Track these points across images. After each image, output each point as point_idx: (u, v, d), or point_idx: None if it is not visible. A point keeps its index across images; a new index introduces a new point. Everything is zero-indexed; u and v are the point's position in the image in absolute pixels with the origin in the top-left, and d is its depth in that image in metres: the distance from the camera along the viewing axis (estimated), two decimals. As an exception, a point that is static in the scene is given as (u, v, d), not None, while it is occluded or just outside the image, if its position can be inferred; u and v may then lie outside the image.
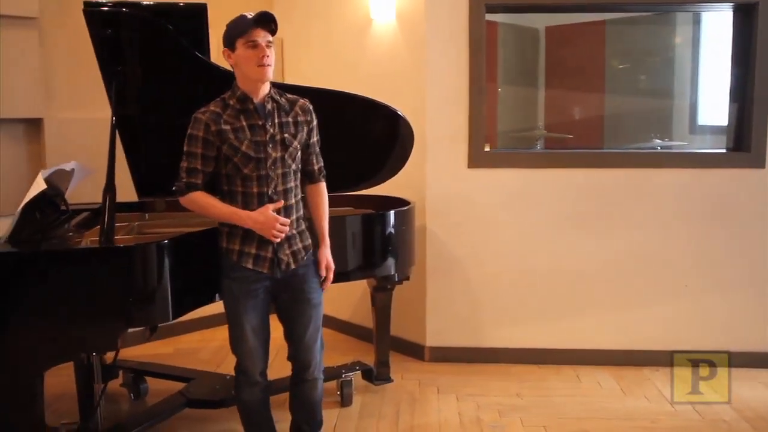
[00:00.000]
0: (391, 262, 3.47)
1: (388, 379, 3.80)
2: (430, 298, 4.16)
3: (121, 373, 3.71)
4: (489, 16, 4.02)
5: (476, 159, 4.03)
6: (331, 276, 2.83)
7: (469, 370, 4.05)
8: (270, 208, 2.55)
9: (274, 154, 2.59)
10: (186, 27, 2.82)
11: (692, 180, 3.98)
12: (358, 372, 3.73)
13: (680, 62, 5.70)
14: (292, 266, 2.66)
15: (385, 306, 3.71)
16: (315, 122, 2.75)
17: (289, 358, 2.80)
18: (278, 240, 2.59)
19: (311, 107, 2.73)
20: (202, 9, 2.78)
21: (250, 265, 2.60)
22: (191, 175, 2.58)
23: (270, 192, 2.59)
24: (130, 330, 2.81)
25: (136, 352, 4.06)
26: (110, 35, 2.75)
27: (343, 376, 3.59)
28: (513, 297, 4.12)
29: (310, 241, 2.75)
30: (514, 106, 6.16)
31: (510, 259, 4.09)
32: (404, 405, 3.60)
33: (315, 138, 2.77)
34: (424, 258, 4.12)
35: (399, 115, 3.49)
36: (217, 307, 2.81)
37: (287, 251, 2.64)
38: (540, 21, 6.03)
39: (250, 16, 2.49)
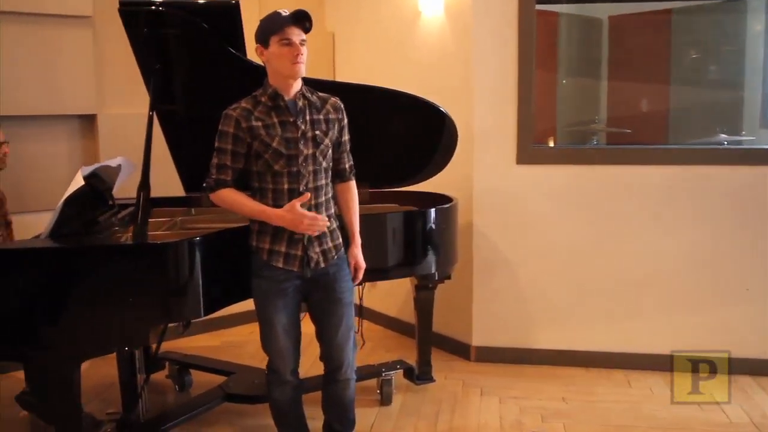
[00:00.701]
0: (430, 260, 3.40)
1: (430, 379, 3.73)
2: (477, 297, 4.07)
3: (167, 364, 3.80)
4: (548, 7, 3.89)
5: (525, 155, 3.92)
6: (361, 275, 2.79)
7: (515, 371, 3.95)
8: (297, 203, 2.52)
9: (305, 151, 2.56)
10: (220, 24, 2.82)
11: (756, 178, 3.75)
12: (399, 371, 3.68)
13: (752, 52, 5.38)
14: (322, 265, 2.63)
15: (426, 305, 3.65)
16: (346, 120, 2.72)
17: (321, 358, 2.78)
18: (315, 233, 2.56)
19: (342, 105, 2.70)
20: (235, 6, 2.78)
21: (280, 264, 2.59)
22: (221, 172, 2.58)
23: (301, 189, 2.56)
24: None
25: (182, 344, 4.14)
26: (146, 34, 2.78)
27: (383, 374, 3.55)
28: (562, 298, 3.99)
29: (340, 240, 2.72)
30: (576, 98, 5.97)
31: (560, 258, 3.97)
32: (445, 405, 3.54)
33: (346, 137, 2.74)
34: (471, 256, 4.03)
35: (445, 114, 3.42)
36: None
37: (317, 249, 2.61)
38: (603, 10, 5.81)
39: (284, 14, 2.47)
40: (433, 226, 3.38)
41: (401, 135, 3.54)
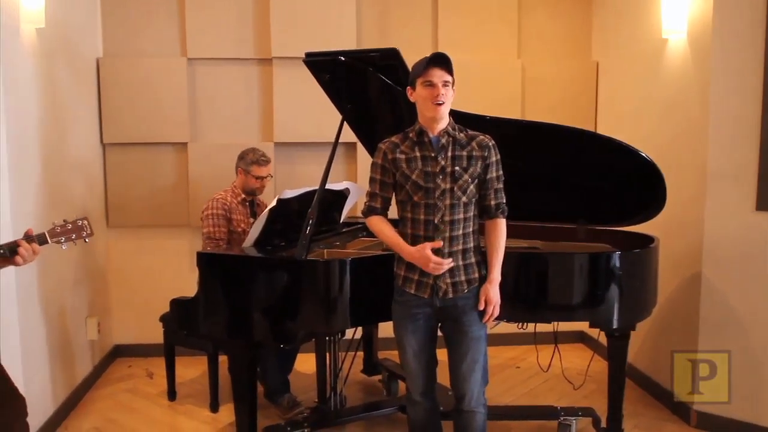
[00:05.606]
0: (610, 308, 3.15)
1: (619, 434, 3.45)
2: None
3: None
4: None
5: (766, 200, 3.37)
6: (491, 310, 2.76)
7: (734, 448, 3.43)
8: (428, 247, 2.66)
9: (443, 186, 2.70)
10: (389, 66, 3.10)
11: None
12: (582, 418, 3.49)
13: None
14: (450, 295, 2.72)
15: (617, 355, 3.35)
16: (494, 158, 2.76)
17: (450, 385, 2.87)
18: (437, 273, 2.70)
19: (491, 144, 2.76)
20: (395, 51, 3.03)
21: (412, 290, 2.77)
22: (372, 200, 2.85)
23: (436, 221, 2.70)
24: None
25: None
26: (328, 79, 3.20)
27: (561, 418, 3.43)
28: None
29: (477, 275, 2.77)
30: None
31: (803, 326, 3.32)
32: (624, 469, 3.26)
33: (494, 174, 2.77)
34: (698, 311, 3.61)
35: (660, 174, 3.24)
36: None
37: (447, 280, 2.72)
38: None
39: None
40: (616, 272, 3.15)
41: (616, 178, 3.44)
